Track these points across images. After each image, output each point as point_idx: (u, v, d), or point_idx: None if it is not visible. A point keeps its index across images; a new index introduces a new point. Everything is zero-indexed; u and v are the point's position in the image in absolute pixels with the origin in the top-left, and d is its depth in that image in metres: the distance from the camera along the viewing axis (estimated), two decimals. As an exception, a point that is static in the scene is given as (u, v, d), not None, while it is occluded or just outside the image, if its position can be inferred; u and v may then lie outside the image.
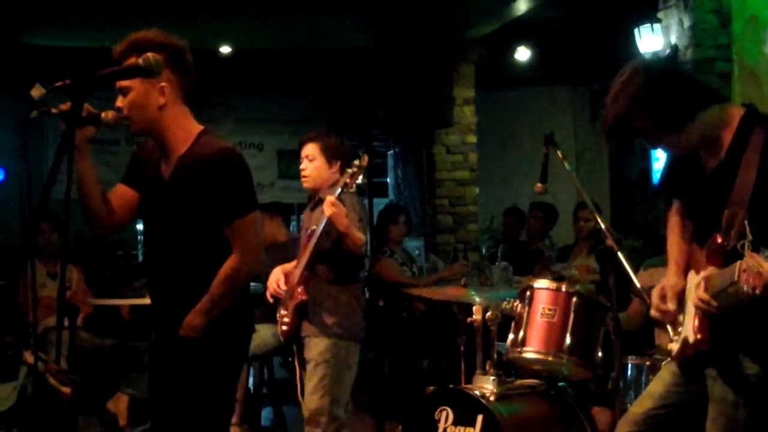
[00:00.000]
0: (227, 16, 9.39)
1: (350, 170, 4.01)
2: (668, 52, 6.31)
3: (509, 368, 4.01)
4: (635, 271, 3.45)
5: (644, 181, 7.47)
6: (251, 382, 6.20)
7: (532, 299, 3.85)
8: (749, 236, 2.50)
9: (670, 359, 2.92)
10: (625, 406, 3.78)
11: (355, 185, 4.00)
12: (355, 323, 4.24)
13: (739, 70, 5.93)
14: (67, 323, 5.38)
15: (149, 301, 3.21)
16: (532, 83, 10.72)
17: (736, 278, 2.41)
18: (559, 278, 5.65)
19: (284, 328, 4.27)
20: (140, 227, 10.10)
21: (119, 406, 5.92)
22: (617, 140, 2.69)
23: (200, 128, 3.05)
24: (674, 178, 2.91)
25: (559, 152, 3.90)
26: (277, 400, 6.56)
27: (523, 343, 3.79)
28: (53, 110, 2.68)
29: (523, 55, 9.87)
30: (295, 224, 12.77)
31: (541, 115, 10.78)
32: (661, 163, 6.81)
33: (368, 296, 4.77)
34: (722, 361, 2.67)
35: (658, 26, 6.62)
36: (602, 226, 3.68)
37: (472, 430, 3.69)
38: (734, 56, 5.98)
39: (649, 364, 4.12)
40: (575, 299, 3.77)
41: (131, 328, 6.33)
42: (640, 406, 2.91)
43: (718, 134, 2.66)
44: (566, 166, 3.87)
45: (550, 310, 3.79)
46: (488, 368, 3.86)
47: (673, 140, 2.66)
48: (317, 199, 4.29)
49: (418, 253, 9.13)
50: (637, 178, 8.19)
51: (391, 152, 11.92)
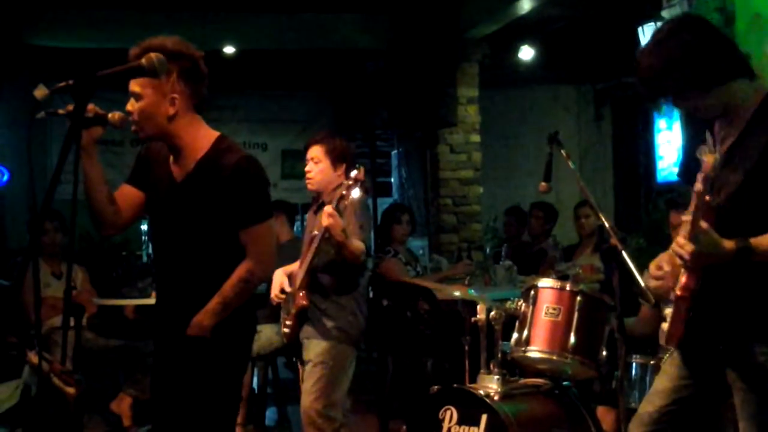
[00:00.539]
0: (231, 16, 9.39)
1: (346, 182, 4.04)
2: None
3: (513, 367, 4.00)
4: (639, 270, 3.43)
5: (648, 157, 7.43)
6: (255, 382, 6.21)
7: (536, 298, 3.85)
8: (709, 141, 2.50)
9: (665, 344, 2.89)
10: (629, 405, 3.78)
11: (351, 197, 4.01)
12: (354, 328, 4.26)
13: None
14: (72, 323, 5.39)
15: (153, 301, 3.22)
16: (535, 82, 10.71)
17: (697, 189, 2.43)
18: (563, 277, 5.64)
19: (286, 330, 4.31)
20: (145, 227, 10.14)
21: (123, 406, 5.93)
22: (649, 87, 2.68)
23: (217, 134, 3.07)
24: (690, 163, 2.90)
25: (563, 151, 3.90)
26: (281, 400, 6.57)
27: (527, 342, 3.79)
28: (60, 111, 2.68)
29: (526, 54, 9.86)
30: (299, 224, 12.80)
31: (544, 114, 10.77)
32: (664, 162, 6.82)
33: (372, 296, 4.77)
34: (735, 349, 2.65)
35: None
36: (606, 225, 3.68)
37: (476, 429, 3.69)
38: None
39: (653, 363, 4.12)
40: (579, 298, 3.77)
41: (135, 328, 6.34)
42: (651, 404, 2.89)
43: (740, 107, 2.65)
44: (570, 165, 3.87)
45: (554, 309, 3.79)
46: (492, 367, 3.86)
47: (698, 102, 2.65)
48: (320, 201, 4.31)
49: (421, 252, 9.13)
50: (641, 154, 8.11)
51: (394, 152, 11.91)
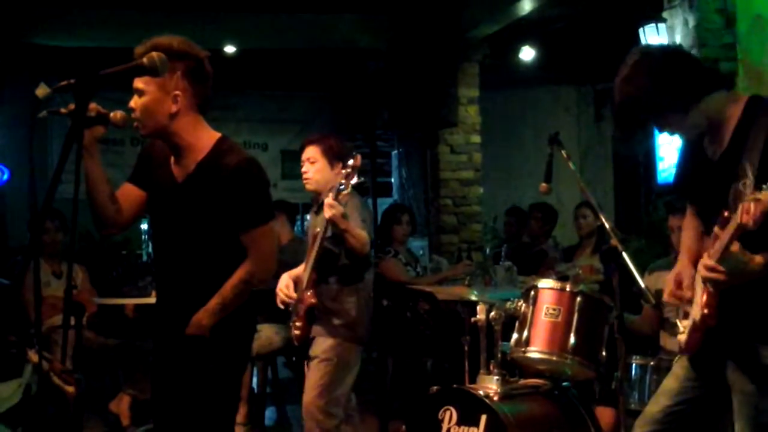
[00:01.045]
0: (231, 16, 9.39)
1: (344, 171, 4.03)
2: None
3: (513, 368, 4.00)
4: (639, 271, 3.44)
5: (648, 158, 7.40)
6: (255, 381, 6.21)
7: (536, 299, 3.85)
8: (750, 177, 2.47)
9: (679, 352, 2.90)
10: (628, 405, 3.79)
11: (351, 185, 4.01)
12: (361, 326, 4.27)
13: (743, 69, 5.91)
14: (72, 322, 5.38)
15: (153, 300, 3.22)
16: (536, 83, 10.71)
17: (739, 220, 2.39)
18: (563, 278, 5.65)
19: (297, 333, 4.30)
20: (145, 227, 10.13)
21: (122, 406, 5.93)
22: (627, 122, 2.69)
23: (218, 135, 3.06)
24: (686, 176, 2.90)
25: (563, 152, 3.90)
26: (280, 399, 6.57)
27: (527, 342, 3.79)
28: (62, 110, 2.68)
29: (527, 54, 9.87)
30: (299, 224, 12.80)
31: (545, 114, 10.77)
32: (665, 163, 6.82)
33: (372, 296, 4.76)
34: (739, 351, 2.65)
35: (662, 26, 6.60)
36: (606, 225, 3.68)
37: (475, 429, 3.70)
38: (739, 56, 5.96)
39: (653, 364, 4.12)
40: (579, 299, 3.77)
41: (135, 327, 6.34)
42: (656, 404, 2.90)
43: (722, 119, 2.66)
44: (570, 165, 3.87)
45: (554, 309, 3.79)
46: (492, 368, 3.87)
47: (679, 122, 2.67)
48: (320, 201, 4.31)
49: (422, 252, 9.13)
50: (641, 155, 8.08)
51: (395, 152, 11.91)
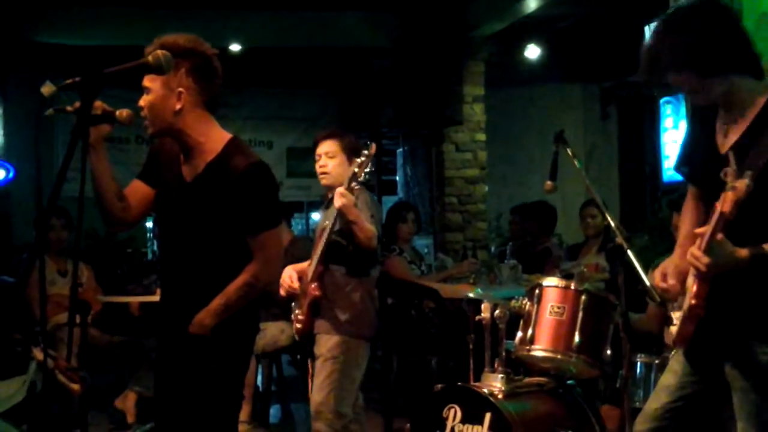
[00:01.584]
0: (236, 14, 9.40)
1: (359, 160, 3.98)
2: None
3: (518, 366, 4.00)
4: (645, 269, 3.43)
5: (653, 156, 7.36)
6: (260, 379, 6.22)
7: (540, 297, 3.84)
8: (732, 165, 2.45)
9: (672, 344, 2.89)
10: (633, 404, 3.78)
11: (364, 174, 3.97)
12: (366, 321, 4.24)
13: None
14: (78, 320, 5.39)
15: (158, 298, 3.22)
16: (541, 81, 10.69)
17: (719, 209, 2.38)
18: (567, 276, 5.64)
19: (298, 326, 4.27)
20: (150, 225, 10.15)
21: (127, 403, 5.94)
22: (654, 71, 2.65)
23: (229, 136, 3.06)
24: (690, 159, 2.89)
25: (568, 150, 3.89)
26: (285, 397, 6.58)
27: (531, 341, 3.79)
28: (68, 108, 2.69)
29: (532, 52, 9.85)
30: (302, 222, 12.80)
31: (550, 112, 10.75)
32: (670, 161, 6.80)
33: (377, 294, 4.77)
34: (736, 348, 2.65)
35: (668, 24, 6.58)
36: (612, 223, 3.67)
37: (480, 428, 3.69)
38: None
39: (658, 362, 4.12)
40: (584, 297, 3.76)
41: (140, 325, 6.35)
42: (656, 401, 2.89)
43: (744, 106, 2.63)
44: (576, 164, 3.86)
45: (558, 308, 3.78)
46: (497, 366, 3.86)
47: (692, 84, 2.62)
48: (331, 196, 4.28)
49: (426, 251, 9.12)
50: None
51: (400, 150, 11.90)
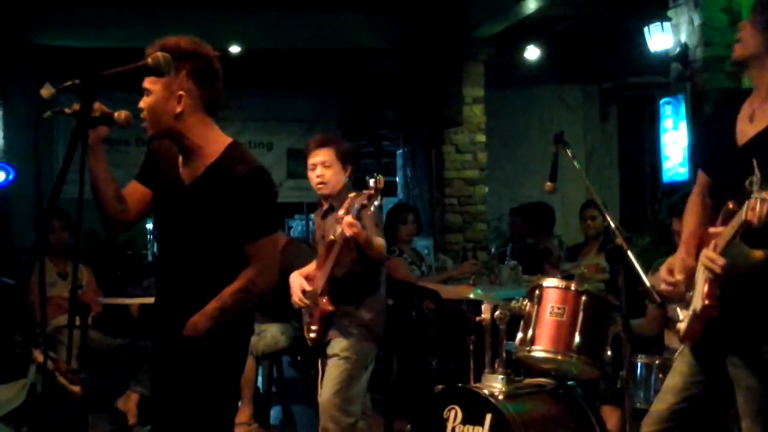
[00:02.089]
0: (236, 15, 9.41)
1: (366, 192, 3.96)
2: (678, 50, 6.29)
3: (518, 367, 4.00)
4: (645, 270, 3.43)
5: (653, 157, 7.30)
6: (260, 381, 6.21)
7: (541, 298, 3.84)
8: (757, 174, 2.45)
9: (679, 341, 2.90)
10: (634, 405, 3.78)
11: (373, 206, 3.97)
12: (377, 325, 4.29)
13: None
14: (78, 322, 5.39)
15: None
16: (541, 82, 10.70)
17: (743, 217, 2.38)
18: (568, 277, 5.63)
19: (312, 336, 4.30)
20: (150, 227, 10.15)
21: (129, 404, 5.94)
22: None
23: (229, 140, 3.05)
24: (706, 146, 2.90)
25: (568, 151, 3.89)
26: (286, 399, 6.58)
27: (532, 341, 3.79)
28: (67, 110, 2.68)
29: (532, 54, 9.86)
30: (302, 223, 12.80)
31: (550, 114, 10.76)
32: (670, 162, 6.80)
33: (386, 294, 4.78)
34: (742, 347, 2.65)
35: (668, 25, 6.60)
36: (612, 224, 3.67)
37: (480, 429, 3.69)
38: (744, 54, 5.96)
39: (658, 363, 4.11)
40: (584, 298, 3.76)
41: (141, 326, 6.35)
42: (662, 402, 2.90)
43: None
44: (576, 165, 3.86)
45: (559, 308, 3.78)
46: (497, 367, 3.86)
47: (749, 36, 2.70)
48: (328, 206, 4.30)
49: (427, 252, 9.12)
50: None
51: (400, 151, 11.91)
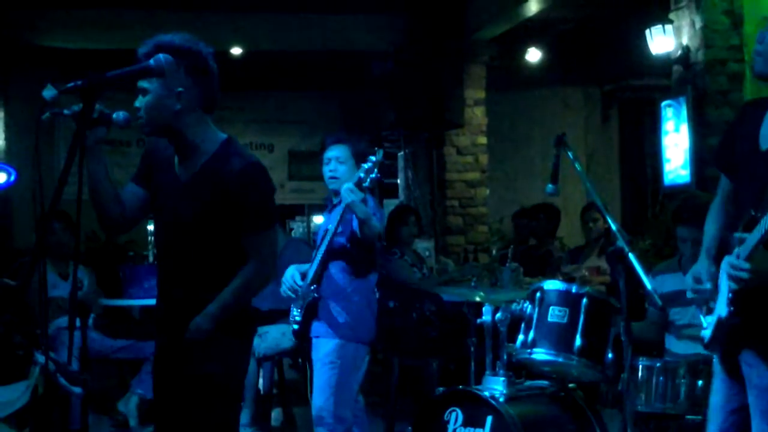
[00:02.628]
0: (238, 17, 9.41)
1: (366, 165, 4.00)
2: (679, 53, 6.30)
3: (519, 369, 4.00)
4: (646, 272, 3.43)
5: (655, 159, 7.28)
6: (261, 383, 6.21)
7: (542, 300, 3.84)
8: None
9: (704, 348, 2.92)
10: (635, 408, 3.77)
11: (370, 179, 3.97)
12: (364, 325, 4.25)
13: (751, 71, 5.92)
14: (78, 324, 5.39)
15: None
16: (542, 84, 10.70)
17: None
18: (569, 279, 5.64)
19: (296, 327, 4.28)
20: (151, 228, 10.15)
21: (130, 406, 5.94)
22: None
23: (225, 136, 3.05)
24: (730, 150, 2.92)
25: (569, 153, 3.89)
26: (287, 401, 6.57)
27: (533, 344, 3.79)
28: (65, 111, 2.69)
29: (534, 56, 9.86)
30: (304, 225, 12.80)
31: (552, 116, 10.76)
32: (672, 164, 6.80)
33: (378, 297, 4.78)
34: (756, 346, 2.66)
35: (669, 27, 6.59)
36: (613, 227, 3.67)
37: (481, 431, 3.70)
38: (746, 57, 5.96)
39: (659, 365, 4.11)
40: (585, 300, 3.76)
41: (142, 328, 6.35)
42: (713, 423, 2.95)
43: None
44: (577, 167, 3.86)
45: (560, 311, 3.78)
46: (498, 369, 3.87)
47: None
48: (336, 200, 4.29)
49: (428, 254, 9.12)
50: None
51: (401, 153, 11.88)
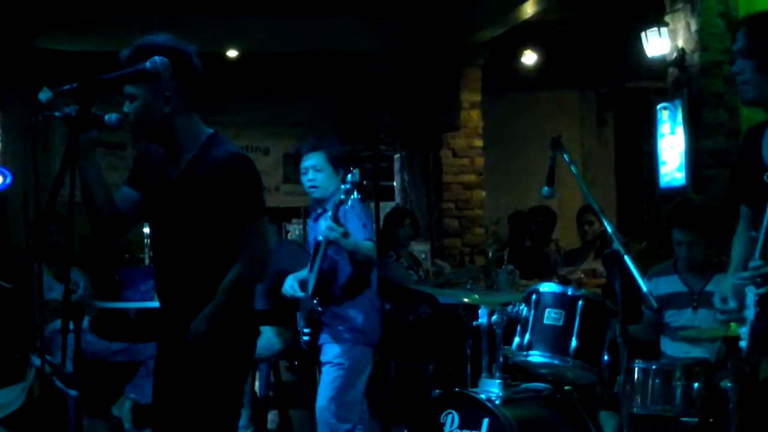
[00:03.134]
0: (233, 19, 9.40)
1: (344, 187, 4.03)
2: (675, 55, 6.30)
3: (515, 372, 4.00)
4: (642, 274, 3.43)
5: (650, 162, 7.30)
6: (258, 385, 6.21)
7: (538, 303, 3.84)
8: None
9: (746, 360, 2.94)
10: (631, 410, 3.77)
11: (350, 200, 4.00)
12: (370, 329, 4.29)
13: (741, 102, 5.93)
14: (73, 326, 5.39)
15: (156, 304, 3.21)
16: (538, 87, 10.70)
17: None
18: (565, 282, 5.65)
19: (305, 339, 4.31)
20: (147, 230, 10.13)
21: (123, 410, 5.93)
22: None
23: (210, 131, 3.04)
24: (741, 179, 2.95)
25: (565, 156, 3.89)
26: (283, 403, 6.56)
27: (528, 346, 3.79)
28: (57, 114, 2.68)
29: (529, 58, 9.87)
30: (300, 228, 12.79)
31: (547, 118, 10.74)
32: (667, 167, 6.81)
33: (378, 297, 4.79)
34: None
35: (665, 30, 6.59)
36: (609, 229, 3.67)
37: (477, 433, 3.69)
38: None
39: (655, 368, 4.11)
40: (581, 303, 3.76)
41: (138, 331, 6.34)
42: None
43: None
44: (573, 169, 3.87)
45: (556, 313, 3.78)
46: (494, 372, 3.86)
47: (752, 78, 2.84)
48: (321, 209, 4.31)
49: (424, 256, 9.12)
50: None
51: (397, 156, 11.90)
